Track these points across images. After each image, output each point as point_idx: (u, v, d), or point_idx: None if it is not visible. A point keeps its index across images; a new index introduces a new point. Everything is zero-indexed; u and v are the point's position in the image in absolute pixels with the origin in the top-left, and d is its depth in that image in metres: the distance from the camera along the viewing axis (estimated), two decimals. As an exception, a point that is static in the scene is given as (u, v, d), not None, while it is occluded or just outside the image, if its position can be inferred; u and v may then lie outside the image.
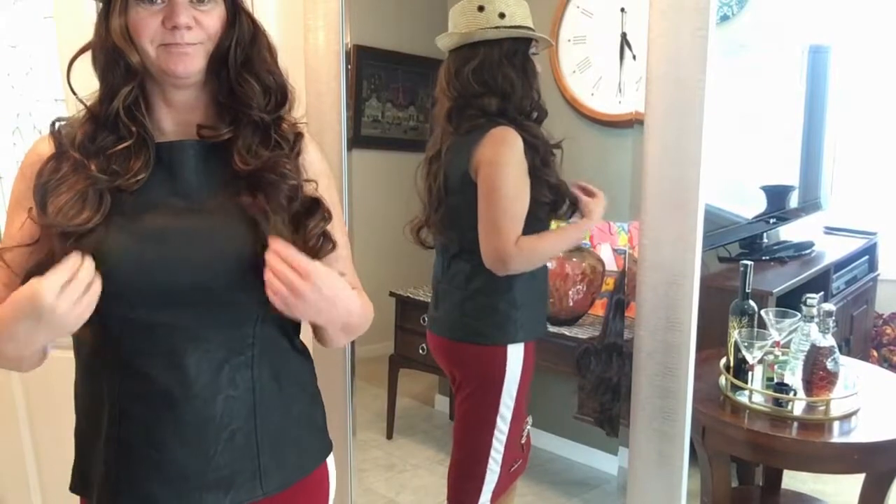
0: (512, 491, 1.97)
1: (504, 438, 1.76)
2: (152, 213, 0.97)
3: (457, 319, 1.76)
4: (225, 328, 0.99)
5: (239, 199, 0.99)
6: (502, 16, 1.64)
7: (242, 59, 0.99)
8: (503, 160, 1.61)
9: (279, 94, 1.03)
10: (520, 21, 1.67)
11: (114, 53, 0.94)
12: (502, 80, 1.65)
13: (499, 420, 1.74)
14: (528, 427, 1.87)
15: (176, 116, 1.01)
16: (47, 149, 0.98)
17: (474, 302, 1.72)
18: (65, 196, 0.93)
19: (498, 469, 1.78)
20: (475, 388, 1.77)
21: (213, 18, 0.95)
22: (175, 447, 0.97)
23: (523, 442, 1.84)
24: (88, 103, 0.99)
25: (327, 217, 1.04)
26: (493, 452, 1.76)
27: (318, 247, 1.02)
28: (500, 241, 1.61)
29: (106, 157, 0.95)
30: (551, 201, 1.69)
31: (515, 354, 1.72)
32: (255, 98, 1.00)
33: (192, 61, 0.95)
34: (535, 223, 1.66)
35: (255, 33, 1.00)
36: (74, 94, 0.99)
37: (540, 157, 1.66)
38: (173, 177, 0.99)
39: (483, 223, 1.63)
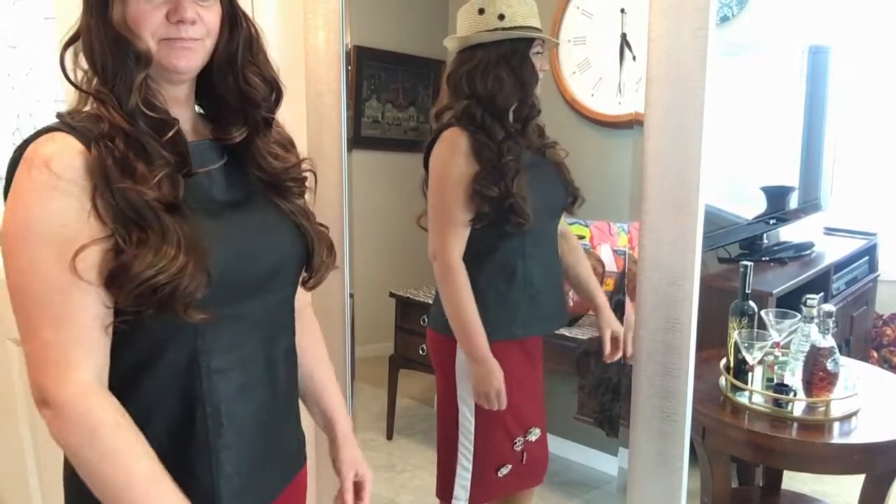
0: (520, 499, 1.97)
1: (470, 433, 1.77)
2: (211, 206, 0.95)
3: (433, 308, 1.83)
4: (277, 311, 1.03)
5: (266, 195, 1.03)
6: (501, 17, 1.64)
7: (248, 59, 0.99)
8: (441, 161, 1.68)
9: (277, 91, 1.03)
10: (521, 21, 1.66)
11: (120, 44, 0.89)
12: (492, 82, 1.64)
13: (460, 413, 1.77)
14: (531, 437, 1.84)
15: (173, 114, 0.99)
16: (76, 145, 0.86)
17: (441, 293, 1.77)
18: (140, 168, 0.86)
19: (469, 465, 1.78)
20: (438, 375, 1.83)
21: (213, 14, 0.95)
22: (265, 434, 1.00)
23: (518, 448, 1.81)
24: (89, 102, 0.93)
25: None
26: (460, 447, 1.78)
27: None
28: (433, 239, 1.70)
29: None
30: (489, 215, 1.64)
31: None
32: (264, 97, 1.00)
33: (194, 56, 0.94)
34: (479, 235, 1.67)
35: (254, 32, 1.00)
36: (75, 85, 0.93)
37: (489, 165, 1.62)
38: (203, 175, 0.97)
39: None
